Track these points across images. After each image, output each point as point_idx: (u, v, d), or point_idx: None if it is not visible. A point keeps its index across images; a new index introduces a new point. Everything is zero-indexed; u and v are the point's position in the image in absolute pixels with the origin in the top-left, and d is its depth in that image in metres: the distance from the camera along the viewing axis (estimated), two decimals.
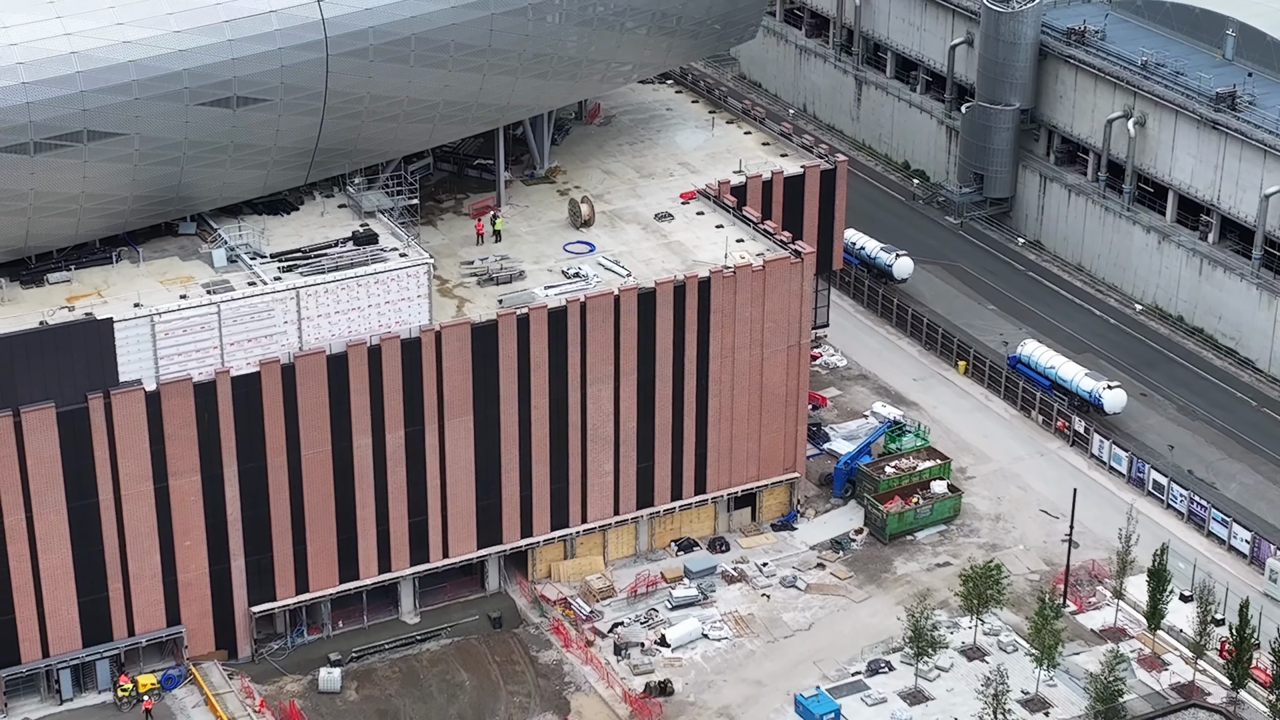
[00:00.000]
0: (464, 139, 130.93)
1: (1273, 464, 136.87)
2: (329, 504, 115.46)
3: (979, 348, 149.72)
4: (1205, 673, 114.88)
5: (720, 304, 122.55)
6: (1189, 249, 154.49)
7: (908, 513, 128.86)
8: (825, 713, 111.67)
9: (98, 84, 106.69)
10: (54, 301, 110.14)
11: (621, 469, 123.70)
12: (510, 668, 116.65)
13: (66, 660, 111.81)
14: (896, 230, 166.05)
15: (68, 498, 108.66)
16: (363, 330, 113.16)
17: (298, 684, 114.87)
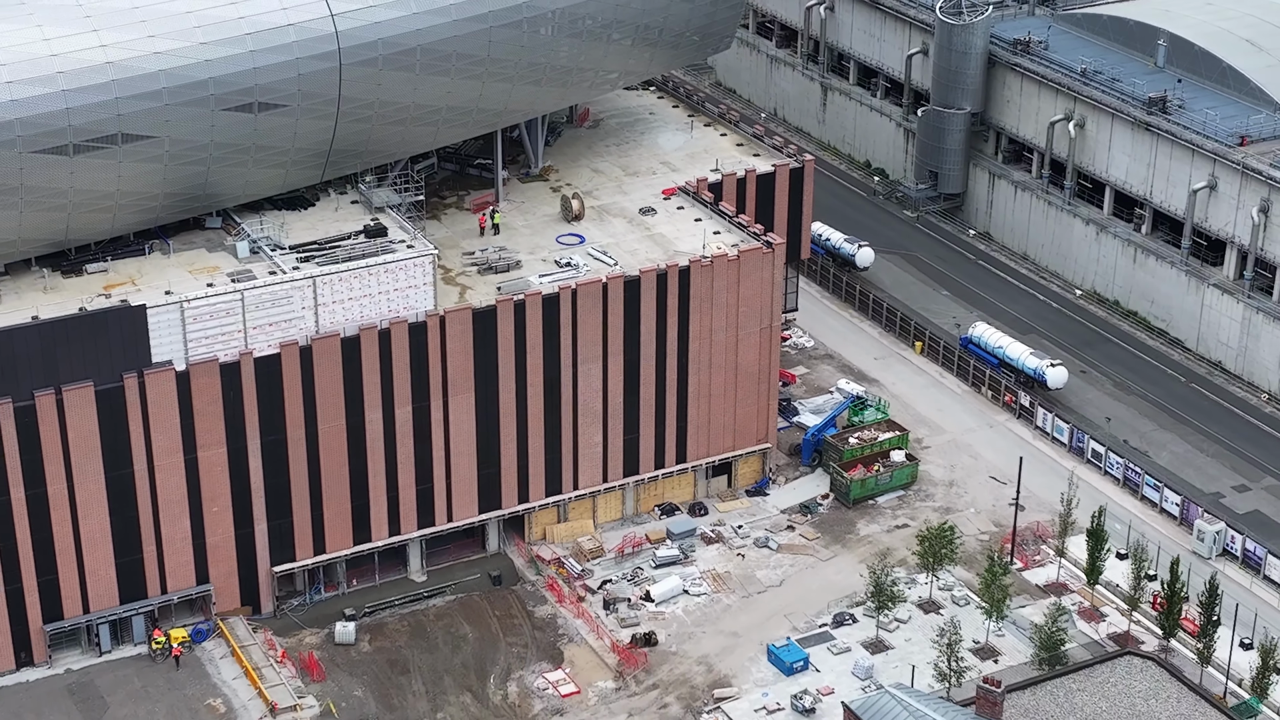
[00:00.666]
0: (465, 141, 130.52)
1: (1200, 434, 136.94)
2: (343, 473, 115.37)
3: (933, 329, 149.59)
4: (1139, 623, 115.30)
5: (699, 290, 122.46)
6: (1124, 239, 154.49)
7: (869, 479, 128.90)
8: (795, 661, 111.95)
9: (131, 91, 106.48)
10: (92, 290, 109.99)
11: (610, 440, 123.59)
12: (509, 621, 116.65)
13: (105, 616, 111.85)
14: (858, 223, 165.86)
15: (105, 468, 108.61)
16: (373, 315, 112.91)
17: (315, 637, 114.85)
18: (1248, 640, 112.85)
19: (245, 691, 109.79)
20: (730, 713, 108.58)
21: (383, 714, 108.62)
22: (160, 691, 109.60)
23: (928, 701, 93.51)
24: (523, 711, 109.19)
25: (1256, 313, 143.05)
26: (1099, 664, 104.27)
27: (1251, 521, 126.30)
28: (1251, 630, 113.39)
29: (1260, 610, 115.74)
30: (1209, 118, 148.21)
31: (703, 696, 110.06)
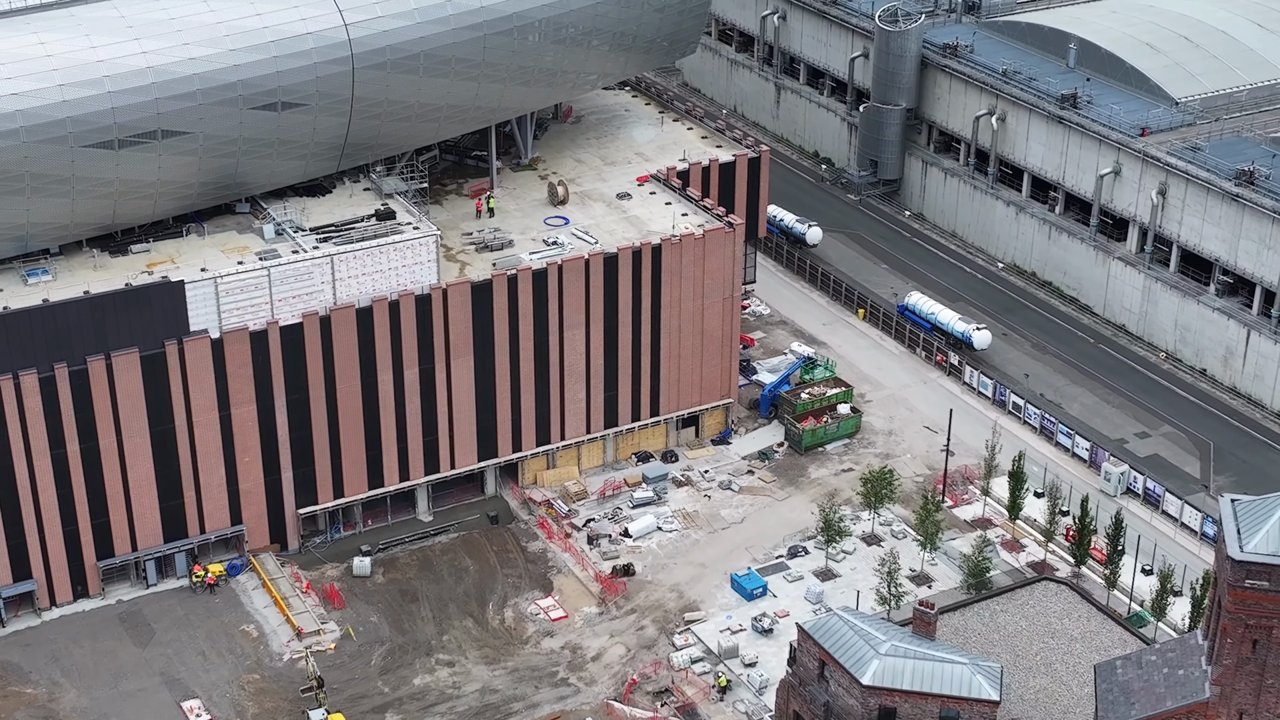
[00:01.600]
0: (463, 134, 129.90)
1: (1107, 388, 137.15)
2: (359, 426, 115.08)
3: (874, 298, 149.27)
4: (1054, 553, 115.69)
5: (669, 265, 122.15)
6: (1040, 219, 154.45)
7: (819, 429, 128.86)
8: (755, 588, 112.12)
9: (168, 93, 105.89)
10: (136, 268, 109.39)
11: (592, 397, 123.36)
12: (505, 555, 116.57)
13: (151, 553, 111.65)
14: (808, 205, 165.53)
15: (150, 424, 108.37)
16: (384, 288, 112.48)
17: (336, 570, 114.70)
18: (1148, 567, 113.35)
19: (275, 618, 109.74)
20: (699, 633, 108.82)
21: (395, 637, 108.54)
22: (200, 619, 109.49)
23: (870, 622, 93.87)
24: (518, 634, 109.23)
25: (1155, 282, 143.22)
26: (1019, 588, 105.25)
27: (1151, 464, 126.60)
28: (1151, 558, 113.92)
29: (1159, 541, 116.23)
30: (1114, 112, 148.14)
31: (675, 619, 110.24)
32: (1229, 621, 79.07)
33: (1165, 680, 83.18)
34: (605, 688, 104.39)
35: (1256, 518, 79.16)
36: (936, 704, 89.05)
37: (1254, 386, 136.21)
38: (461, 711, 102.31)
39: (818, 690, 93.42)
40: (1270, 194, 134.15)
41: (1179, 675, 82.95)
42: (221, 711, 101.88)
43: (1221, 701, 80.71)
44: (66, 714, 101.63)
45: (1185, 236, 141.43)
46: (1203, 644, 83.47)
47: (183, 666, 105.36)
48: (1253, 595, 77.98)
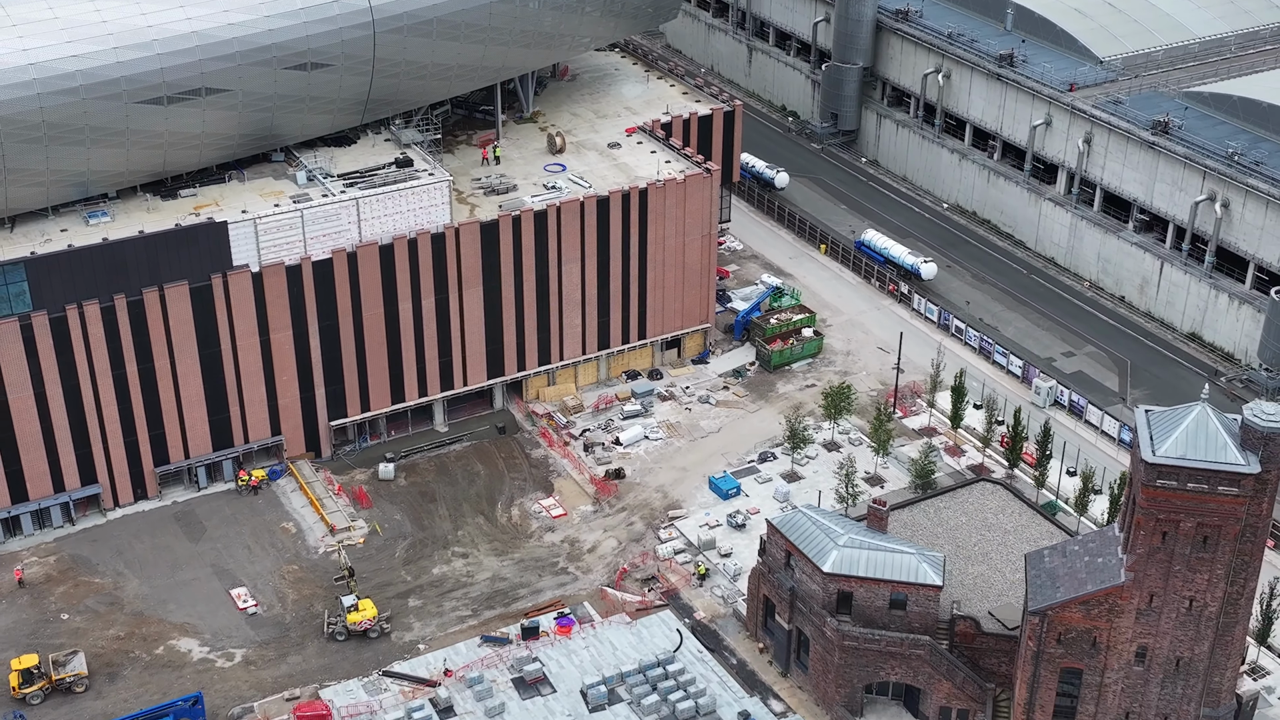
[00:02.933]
0: (472, 91, 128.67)
1: (1037, 313, 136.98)
2: (383, 349, 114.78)
3: (834, 235, 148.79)
4: (991, 457, 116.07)
5: (655, 207, 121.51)
6: (980, 164, 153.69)
7: (786, 350, 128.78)
8: (729, 489, 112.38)
9: (211, 54, 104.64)
10: (185, 210, 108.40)
11: (587, 322, 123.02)
12: (511, 461, 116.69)
13: (201, 460, 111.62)
14: (776, 153, 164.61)
15: (199, 347, 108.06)
16: (403, 228, 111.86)
17: (364, 474, 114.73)
18: (1072, 469, 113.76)
19: (310, 517, 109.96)
20: (681, 528, 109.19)
21: (416, 533, 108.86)
22: (245, 518, 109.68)
23: (830, 517, 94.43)
24: (523, 529, 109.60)
25: (1081, 220, 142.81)
26: (960, 488, 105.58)
27: (1076, 379, 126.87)
28: (1075, 461, 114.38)
29: (1082, 447, 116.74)
30: (1045, 70, 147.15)
31: (660, 516, 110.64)
32: (1142, 516, 79.59)
33: (1086, 567, 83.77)
34: (599, 576, 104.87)
35: (1167, 426, 79.51)
36: (888, 589, 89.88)
37: (1166, 311, 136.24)
38: (475, 597, 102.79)
39: (784, 577, 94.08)
40: (1182, 142, 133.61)
41: (1098, 563, 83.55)
42: (265, 598, 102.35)
43: (1135, 585, 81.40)
44: (130, 600, 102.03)
45: (1107, 180, 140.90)
46: (1119, 535, 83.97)
47: (230, 559, 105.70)
48: (1163, 493, 78.49)
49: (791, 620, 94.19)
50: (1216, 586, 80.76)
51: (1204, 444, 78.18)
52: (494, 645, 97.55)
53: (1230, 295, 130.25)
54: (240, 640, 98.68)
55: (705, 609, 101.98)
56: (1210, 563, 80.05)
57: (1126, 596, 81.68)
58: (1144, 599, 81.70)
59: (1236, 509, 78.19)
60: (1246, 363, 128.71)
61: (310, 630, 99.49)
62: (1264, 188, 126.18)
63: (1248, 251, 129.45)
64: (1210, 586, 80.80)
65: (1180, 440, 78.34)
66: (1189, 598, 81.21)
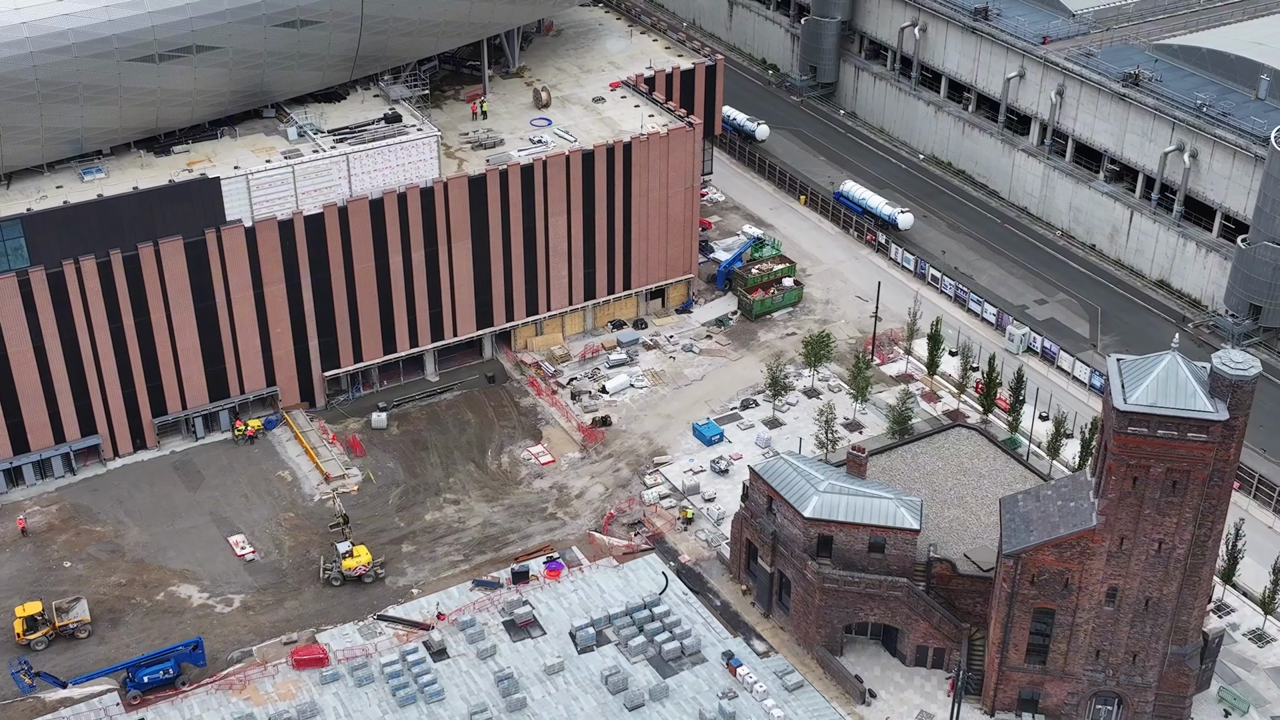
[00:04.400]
0: (459, 47, 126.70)
1: (1011, 262, 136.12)
2: (374, 301, 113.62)
3: (814, 186, 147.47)
4: (966, 403, 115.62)
5: (638, 160, 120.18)
6: (955, 116, 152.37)
7: (767, 300, 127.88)
8: (713, 435, 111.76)
9: (202, 12, 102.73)
10: (178, 166, 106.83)
11: (573, 273, 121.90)
12: (501, 410, 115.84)
13: (199, 411, 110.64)
14: (757, 106, 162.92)
15: (194, 300, 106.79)
16: (393, 182, 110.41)
17: (357, 424, 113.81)
18: (1044, 414, 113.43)
19: (306, 465, 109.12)
20: (666, 474, 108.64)
21: (409, 480, 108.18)
22: (242, 466, 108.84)
23: (811, 464, 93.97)
24: (513, 476, 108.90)
25: (1053, 170, 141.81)
26: (936, 434, 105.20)
27: (1048, 326, 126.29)
28: (1048, 406, 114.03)
29: (1054, 393, 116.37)
30: (1019, 23, 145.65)
31: (645, 462, 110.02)
32: (1113, 462, 79.32)
33: (1059, 511, 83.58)
34: (587, 521, 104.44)
35: (1138, 374, 79.09)
36: (867, 533, 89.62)
37: (1135, 259, 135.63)
38: (466, 542, 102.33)
39: (766, 522, 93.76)
40: (1152, 94, 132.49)
41: (1070, 507, 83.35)
42: (262, 545, 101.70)
43: (1106, 528, 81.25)
44: (130, 548, 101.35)
45: (1079, 131, 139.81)
46: (1091, 480, 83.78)
47: (228, 507, 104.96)
48: (1134, 440, 78.17)
49: (773, 563, 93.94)
50: (1185, 529, 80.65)
51: (1174, 392, 77.81)
52: (485, 589, 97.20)
53: (1198, 244, 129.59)
54: (239, 586, 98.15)
55: (690, 552, 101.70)
56: (1179, 507, 79.89)
57: (1098, 539, 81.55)
58: (1115, 541, 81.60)
59: (1205, 455, 77.94)
60: (1213, 309, 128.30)
61: (306, 576, 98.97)
62: (1231, 138, 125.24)
63: (1215, 201, 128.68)
64: (1179, 529, 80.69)
65: (1151, 388, 77.95)
66: (1158, 540, 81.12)
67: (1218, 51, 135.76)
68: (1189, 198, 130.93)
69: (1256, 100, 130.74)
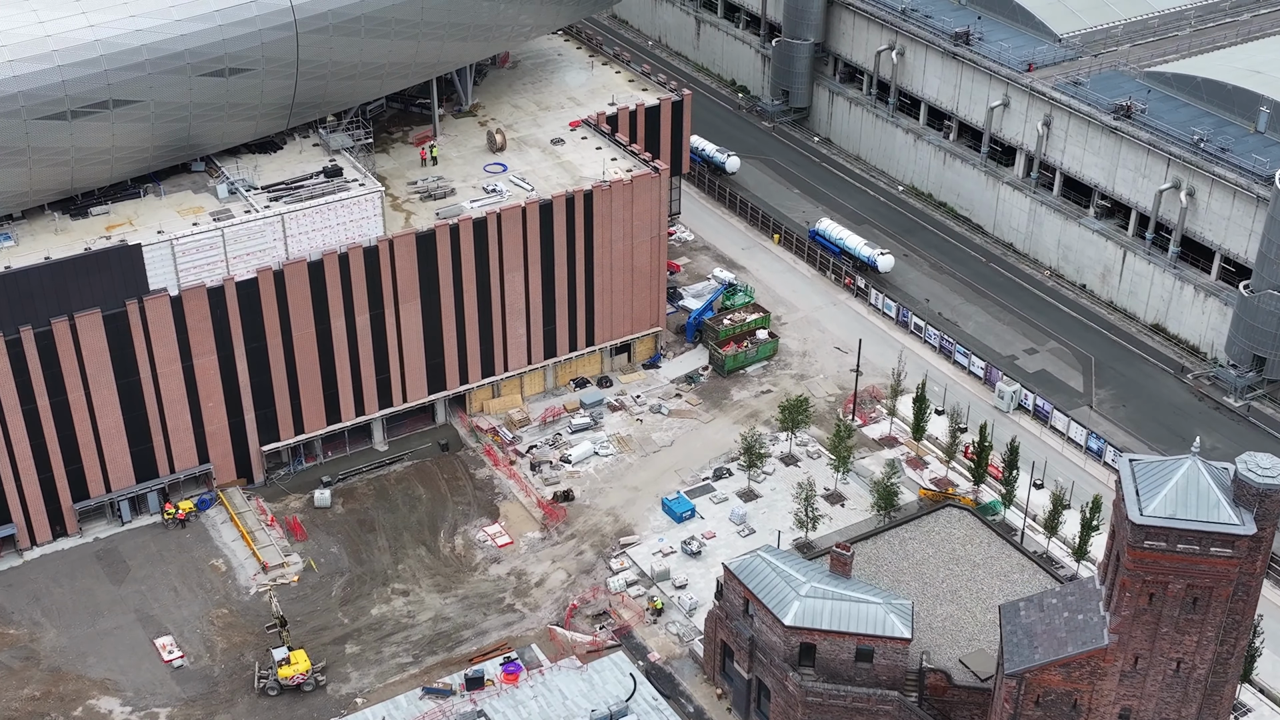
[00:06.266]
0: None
1: (998, 305, 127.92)
2: (315, 369, 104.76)
3: (788, 224, 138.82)
4: (955, 469, 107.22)
5: (600, 209, 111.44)
6: (936, 145, 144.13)
7: (740, 354, 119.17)
8: (683, 511, 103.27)
9: (117, 64, 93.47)
10: (96, 230, 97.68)
11: (531, 331, 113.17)
12: (455, 483, 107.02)
13: (124, 494, 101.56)
14: (726, 133, 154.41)
15: (116, 376, 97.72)
16: (334, 242, 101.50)
17: (299, 501, 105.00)
18: (1039, 481, 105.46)
19: (242, 551, 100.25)
20: (633, 556, 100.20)
21: (354, 568, 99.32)
22: (172, 555, 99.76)
23: (791, 562, 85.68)
24: (467, 560, 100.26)
25: (1040, 205, 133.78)
26: (925, 515, 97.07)
27: (1039, 379, 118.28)
28: (1042, 472, 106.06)
29: (1049, 457, 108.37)
30: (1003, 48, 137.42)
31: (611, 543, 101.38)
32: (1128, 578, 71.15)
33: (1066, 625, 75.41)
34: (548, 613, 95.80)
35: (1155, 480, 70.89)
36: (854, 641, 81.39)
37: (1129, 301, 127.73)
38: (416, 640, 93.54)
39: (743, 625, 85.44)
40: (1145, 127, 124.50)
41: (1079, 620, 75.19)
42: (192, 647, 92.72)
43: (1119, 647, 73.15)
44: (46, 654, 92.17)
45: (1068, 164, 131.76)
46: (1100, 588, 75.61)
47: (156, 603, 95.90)
48: (1151, 555, 70.02)
49: (751, 670, 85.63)
50: (1206, 648, 72.63)
51: (1195, 501, 69.67)
52: (436, 697, 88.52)
53: (1196, 287, 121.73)
54: (165, 697, 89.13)
55: (660, 649, 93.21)
56: (1200, 624, 71.83)
57: (1110, 659, 73.45)
58: (1128, 661, 73.53)
59: (1229, 570, 69.86)
60: (1213, 357, 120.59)
61: (240, 684, 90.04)
62: (1231, 177, 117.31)
63: (1214, 242, 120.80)
64: (1200, 648, 72.67)
65: (1170, 497, 69.79)
66: (1176, 659, 73.07)
67: (1214, 81, 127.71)
68: (1186, 238, 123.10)
69: (1256, 133, 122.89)
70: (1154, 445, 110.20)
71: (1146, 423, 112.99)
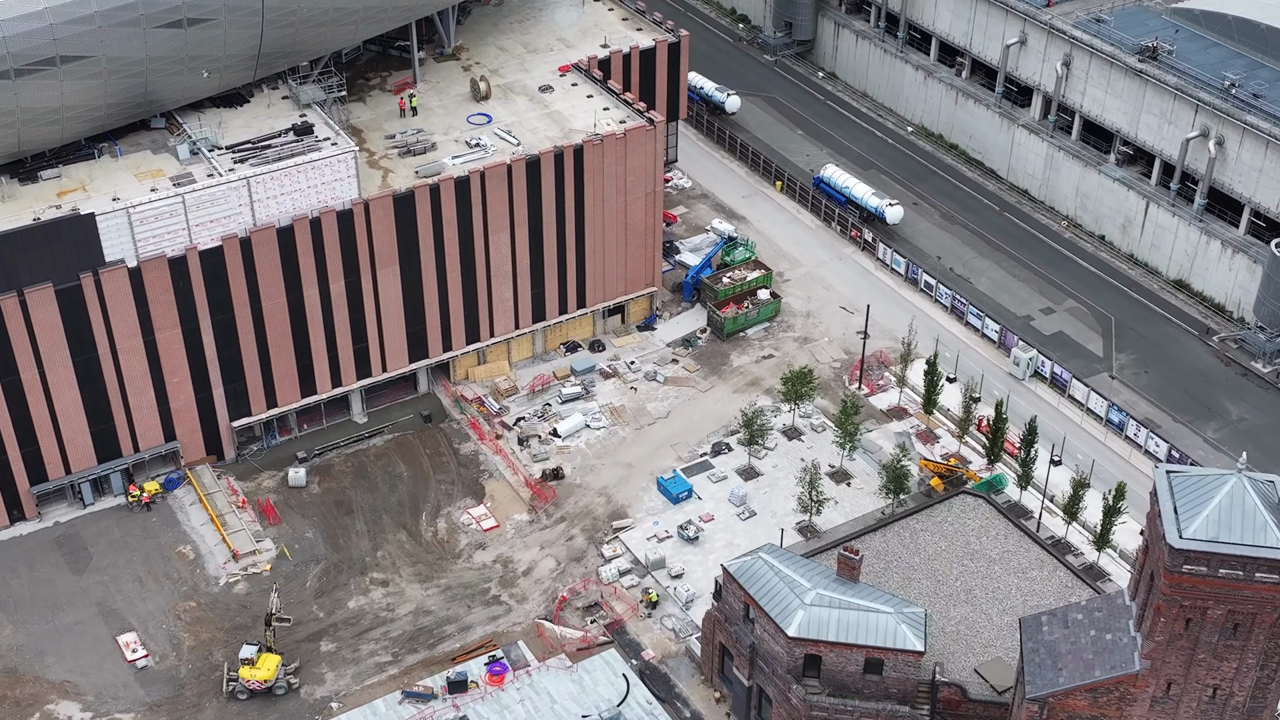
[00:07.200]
0: None
1: (1012, 260, 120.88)
2: (288, 340, 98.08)
3: (791, 169, 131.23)
4: (969, 444, 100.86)
5: (592, 165, 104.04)
6: (947, 84, 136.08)
7: (740, 316, 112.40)
8: (680, 492, 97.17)
9: (63, 18, 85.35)
10: (47, 196, 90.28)
11: (519, 295, 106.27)
12: (438, 459, 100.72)
13: (85, 475, 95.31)
14: (726, 68, 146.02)
15: (72, 354, 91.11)
16: (304, 207, 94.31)
17: (272, 480, 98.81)
18: (1057, 458, 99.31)
19: (211, 537, 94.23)
20: (627, 541, 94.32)
21: (331, 555, 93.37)
22: (137, 541, 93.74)
23: (794, 564, 79.60)
24: (450, 547, 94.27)
25: (1058, 150, 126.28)
26: (937, 504, 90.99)
27: (1057, 342, 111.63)
28: (1060, 447, 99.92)
29: (1068, 431, 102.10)
30: None
31: (603, 527, 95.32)
32: (1163, 603, 65.27)
33: (1093, 645, 69.68)
34: (536, 605, 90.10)
35: (1196, 498, 64.68)
36: (862, 653, 75.75)
37: (1150, 255, 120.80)
38: (396, 637, 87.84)
39: (743, 631, 79.75)
40: (1173, 70, 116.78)
41: (1106, 640, 69.44)
42: (158, 645, 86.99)
43: (1151, 674, 67.54)
44: (3, 652, 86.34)
45: (1088, 107, 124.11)
46: (1129, 604, 69.78)
47: (119, 594, 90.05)
48: (1189, 579, 64.09)
49: (751, 676, 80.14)
50: (1246, 674, 66.97)
51: (1239, 523, 63.58)
52: (417, 702, 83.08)
53: (1223, 242, 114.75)
54: (128, 701, 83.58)
55: (655, 646, 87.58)
56: (1240, 651, 66.14)
57: (1141, 685, 67.85)
58: (1160, 687, 67.94)
59: (1275, 597, 64.05)
60: (1240, 317, 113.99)
61: (208, 686, 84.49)
62: (1264, 126, 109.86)
63: (1243, 194, 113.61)
64: (1239, 675, 67.03)
65: (1212, 519, 63.71)
66: (1213, 686, 67.46)
67: (1246, 19, 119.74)
68: (1213, 189, 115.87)
69: None
70: (1178, 416, 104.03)
71: (1170, 391, 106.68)
